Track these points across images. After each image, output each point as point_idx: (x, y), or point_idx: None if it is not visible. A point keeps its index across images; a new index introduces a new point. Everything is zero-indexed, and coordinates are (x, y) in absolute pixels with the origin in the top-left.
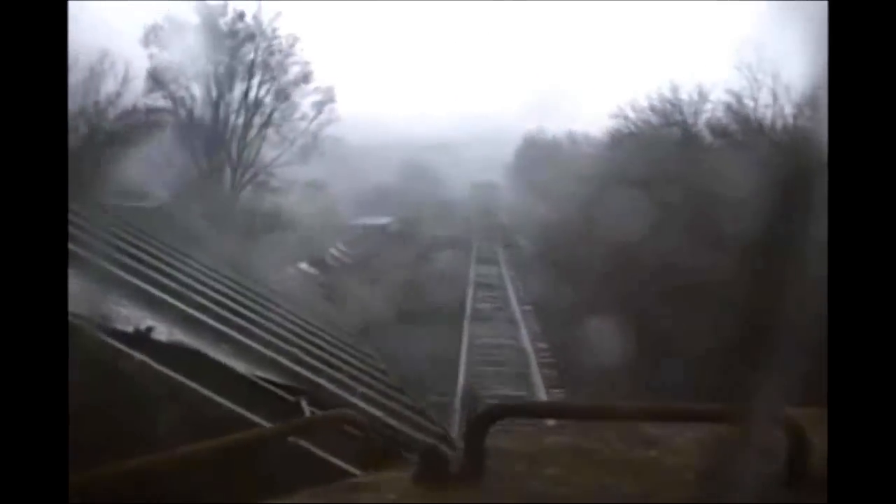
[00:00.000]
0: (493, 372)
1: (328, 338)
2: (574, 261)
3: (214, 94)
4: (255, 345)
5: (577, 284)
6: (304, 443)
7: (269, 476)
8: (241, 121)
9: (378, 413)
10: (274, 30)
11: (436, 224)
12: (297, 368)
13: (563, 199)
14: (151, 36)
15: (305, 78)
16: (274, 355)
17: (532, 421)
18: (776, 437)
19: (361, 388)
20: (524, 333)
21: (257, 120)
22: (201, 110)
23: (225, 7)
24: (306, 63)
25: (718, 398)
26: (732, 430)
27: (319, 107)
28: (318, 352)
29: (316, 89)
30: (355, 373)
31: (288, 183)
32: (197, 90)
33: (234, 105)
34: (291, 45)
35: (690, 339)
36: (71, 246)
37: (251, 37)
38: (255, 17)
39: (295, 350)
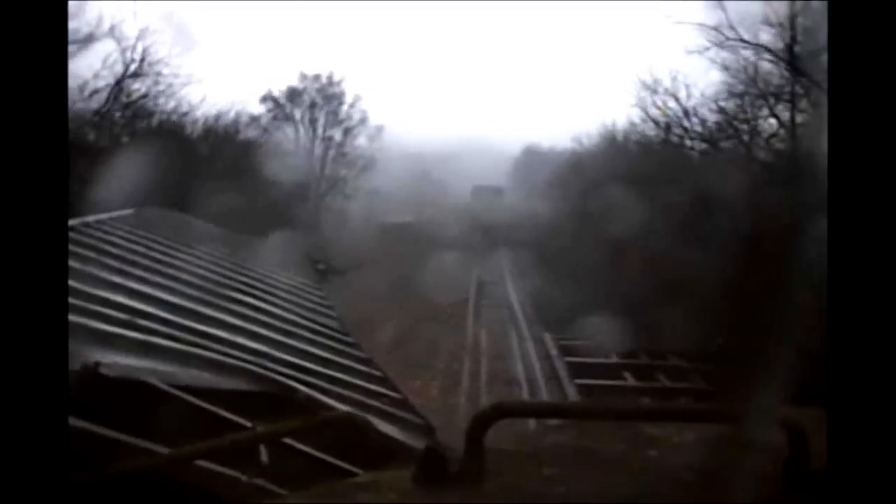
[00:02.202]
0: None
1: (307, 334)
2: (554, 246)
3: (302, 133)
4: (217, 356)
5: (553, 263)
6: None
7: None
8: (320, 149)
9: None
10: (342, 90)
11: (445, 222)
12: (265, 373)
13: (548, 200)
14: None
15: (363, 121)
16: (242, 364)
17: (532, 421)
18: (776, 437)
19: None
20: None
21: (332, 152)
22: (294, 144)
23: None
24: (364, 111)
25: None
26: (732, 430)
27: (372, 140)
28: (293, 344)
29: (370, 128)
30: (334, 371)
31: (355, 191)
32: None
33: (318, 140)
34: (354, 102)
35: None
36: None
37: (330, 97)
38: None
39: (269, 350)
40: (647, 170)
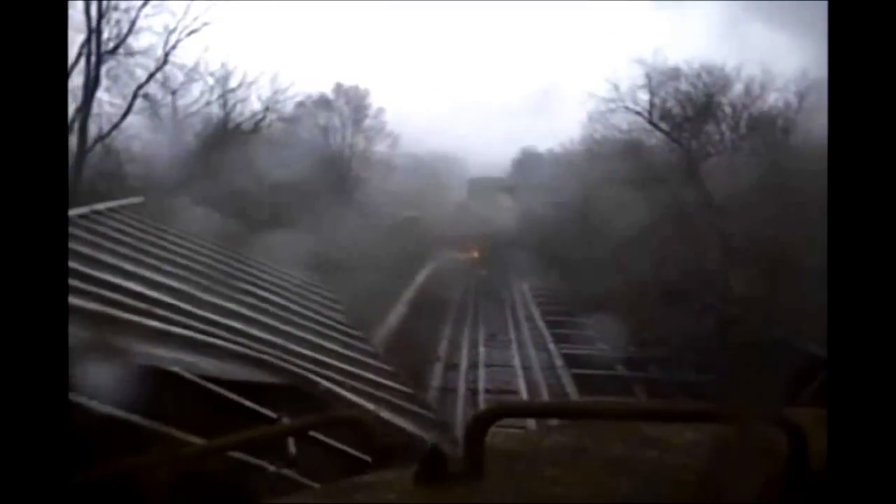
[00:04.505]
0: None
1: (317, 327)
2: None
3: (333, 139)
4: (237, 348)
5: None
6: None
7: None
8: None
9: (369, 406)
10: (366, 102)
11: (448, 216)
12: (286, 365)
13: (545, 195)
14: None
15: (383, 128)
16: (260, 355)
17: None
18: (776, 437)
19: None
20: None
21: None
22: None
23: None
24: (383, 122)
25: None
26: (732, 431)
27: (391, 147)
28: (306, 337)
29: (388, 135)
30: (346, 364)
31: (376, 191)
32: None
33: (347, 145)
34: (377, 113)
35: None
36: None
37: (357, 107)
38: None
39: (283, 342)
40: (636, 170)
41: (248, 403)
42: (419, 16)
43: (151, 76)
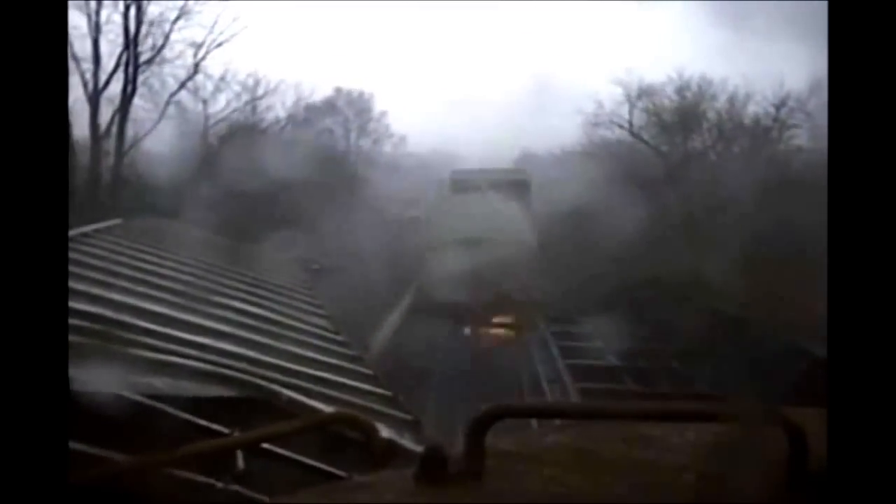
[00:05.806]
0: None
1: (295, 335)
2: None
3: (339, 141)
4: (197, 364)
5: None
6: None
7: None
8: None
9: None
10: (370, 106)
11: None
12: (248, 378)
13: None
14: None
15: (387, 130)
16: (222, 370)
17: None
18: (776, 437)
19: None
20: None
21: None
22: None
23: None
24: (387, 124)
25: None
26: (732, 431)
27: (395, 149)
28: (279, 346)
29: (392, 136)
30: (321, 371)
31: (379, 192)
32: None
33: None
34: (380, 116)
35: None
36: None
37: (360, 110)
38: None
39: (253, 354)
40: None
41: (198, 421)
42: (419, 18)
43: (182, 86)
